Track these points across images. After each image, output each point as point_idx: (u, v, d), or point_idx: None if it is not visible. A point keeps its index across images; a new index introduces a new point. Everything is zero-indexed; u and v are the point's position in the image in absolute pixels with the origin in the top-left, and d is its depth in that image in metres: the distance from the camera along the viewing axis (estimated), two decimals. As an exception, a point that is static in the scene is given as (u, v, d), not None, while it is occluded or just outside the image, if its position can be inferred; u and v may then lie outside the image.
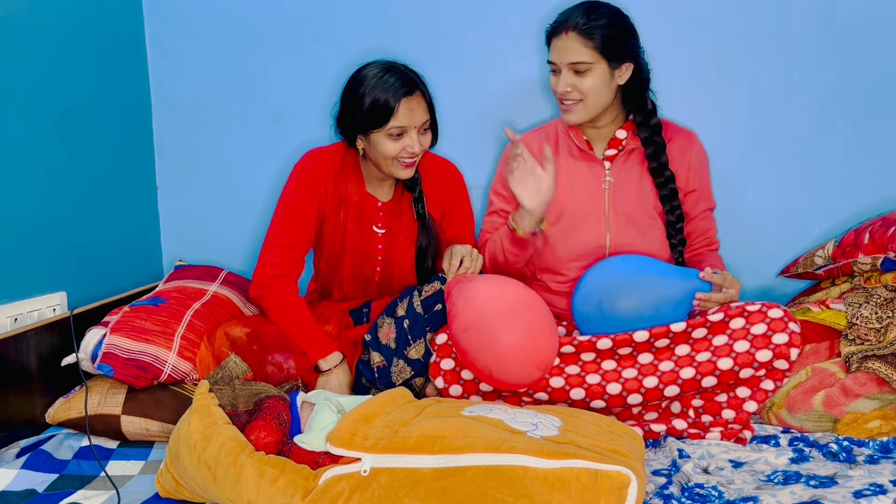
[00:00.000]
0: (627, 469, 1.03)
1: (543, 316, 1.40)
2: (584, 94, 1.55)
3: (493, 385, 1.40)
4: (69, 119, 1.72)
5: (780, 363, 1.38)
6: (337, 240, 1.72)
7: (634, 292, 1.47)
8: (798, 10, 1.80)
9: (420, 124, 1.56)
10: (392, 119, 1.53)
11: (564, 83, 1.56)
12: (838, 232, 1.79)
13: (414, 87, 1.54)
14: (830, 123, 1.83)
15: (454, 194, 1.77)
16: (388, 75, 1.54)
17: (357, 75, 1.60)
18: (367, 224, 1.72)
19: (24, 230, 1.57)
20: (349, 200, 1.70)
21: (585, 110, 1.58)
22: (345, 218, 1.70)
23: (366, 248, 1.73)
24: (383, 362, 1.54)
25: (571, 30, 1.52)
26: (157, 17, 2.04)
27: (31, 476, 1.30)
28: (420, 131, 1.58)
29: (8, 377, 1.43)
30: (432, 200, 1.75)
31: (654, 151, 1.62)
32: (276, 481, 1.10)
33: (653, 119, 1.62)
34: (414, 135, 1.56)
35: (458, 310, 1.40)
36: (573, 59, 1.53)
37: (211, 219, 2.11)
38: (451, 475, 1.05)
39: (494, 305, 1.36)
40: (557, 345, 1.41)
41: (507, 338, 1.33)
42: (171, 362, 1.51)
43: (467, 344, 1.37)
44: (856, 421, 1.39)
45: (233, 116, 2.06)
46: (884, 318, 1.46)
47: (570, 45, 1.53)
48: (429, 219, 1.72)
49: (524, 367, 1.35)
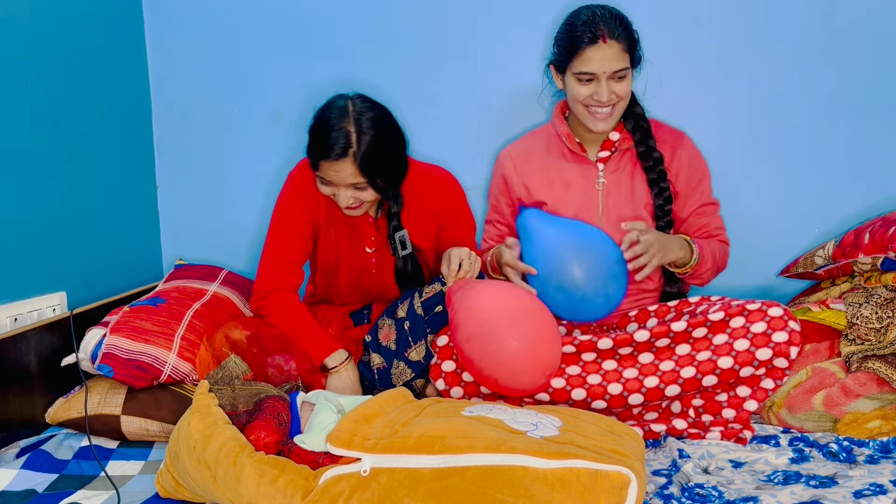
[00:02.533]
0: (627, 469, 1.03)
1: (546, 321, 1.39)
2: (621, 98, 1.57)
3: (501, 392, 1.40)
4: (69, 119, 1.72)
5: (780, 361, 1.38)
6: (330, 256, 1.70)
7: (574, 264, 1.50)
8: (798, 10, 1.80)
9: (347, 184, 1.51)
10: (317, 171, 1.52)
11: (608, 91, 1.54)
12: (838, 232, 1.79)
13: (342, 153, 1.46)
14: (831, 123, 1.83)
15: (450, 208, 1.70)
16: (332, 129, 1.47)
17: (320, 109, 1.55)
18: (358, 243, 1.69)
19: (24, 230, 1.57)
20: (339, 216, 1.67)
21: (615, 116, 1.60)
22: (336, 235, 1.68)
23: (360, 265, 1.71)
24: (383, 364, 1.54)
25: (610, 37, 1.51)
26: (157, 17, 2.04)
27: (31, 476, 1.30)
28: (352, 187, 1.51)
29: (8, 377, 1.43)
30: (424, 217, 1.68)
31: (641, 137, 1.64)
32: (276, 481, 1.10)
33: (636, 108, 1.65)
34: (341, 191, 1.52)
35: (461, 319, 1.39)
36: (617, 67, 1.53)
37: (211, 219, 2.11)
38: (451, 475, 1.05)
39: (497, 314, 1.36)
40: (560, 348, 1.41)
41: (510, 346, 1.33)
42: (170, 363, 1.51)
43: (471, 353, 1.37)
44: (856, 421, 1.39)
45: (233, 116, 2.06)
46: (884, 318, 1.46)
47: (611, 53, 1.52)
48: (410, 255, 1.63)
49: (529, 373, 1.35)
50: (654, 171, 1.63)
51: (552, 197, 1.68)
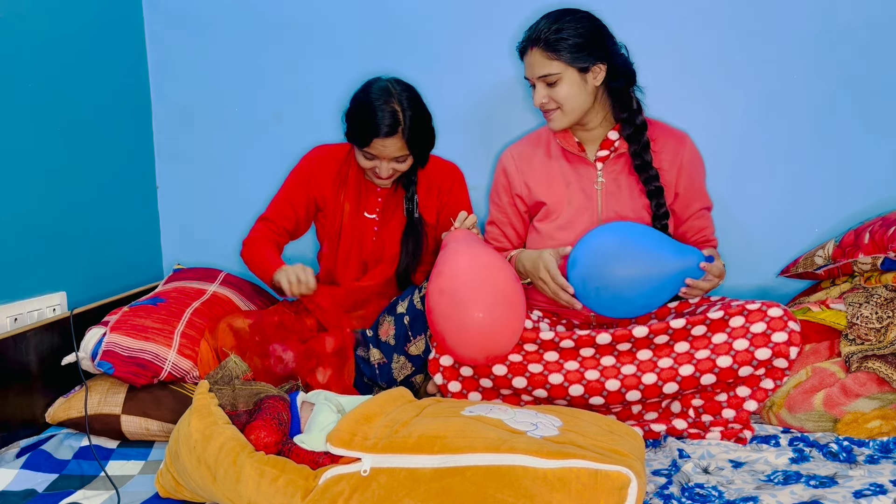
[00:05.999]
0: (627, 469, 1.03)
1: (516, 311, 1.41)
2: (559, 102, 1.59)
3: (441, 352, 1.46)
4: (69, 119, 1.72)
5: (780, 362, 1.38)
6: (336, 220, 1.80)
7: (628, 258, 1.47)
8: (797, 10, 1.80)
9: (391, 157, 1.65)
10: (366, 147, 1.64)
11: (539, 95, 1.61)
12: (838, 232, 1.79)
13: (392, 131, 1.61)
14: (831, 123, 1.83)
15: (453, 188, 1.83)
16: (378, 110, 1.60)
17: (360, 93, 1.67)
18: (361, 208, 1.80)
19: (24, 230, 1.57)
20: (349, 185, 1.79)
21: (565, 116, 1.61)
22: (343, 200, 1.78)
23: (362, 229, 1.79)
24: (383, 359, 1.55)
25: (534, 45, 1.57)
26: (157, 17, 2.04)
27: (31, 476, 1.30)
28: (394, 160, 1.67)
29: (8, 377, 1.43)
30: (430, 195, 1.81)
31: (638, 149, 1.63)
32: (276, 481, 1.10)
33: (637, 118, 1.63)
34: (384, 164, 1.66)
35: (443, 271, 1.41)
36: (541, 73, 1.58)
37: (211, 219, 2.11)
38: (451, 475, 1.05)
39: (475, 283, 1.38)
40: (514, 341, 1.42)
41: (474, 316, 1.35)
42: (171, 360, 1.51)
43: (436, 306, 1.39)
44: (856, 421, 1.39)
45: (233, 116, 2.06)
46: (884, 318, 1.46)
47: (535, 60, 1.58)
48: (418, 219, 1.78)
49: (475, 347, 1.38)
50: (650, 184, 1.63)
51: (552, 196, 1.68)
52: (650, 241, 1.50)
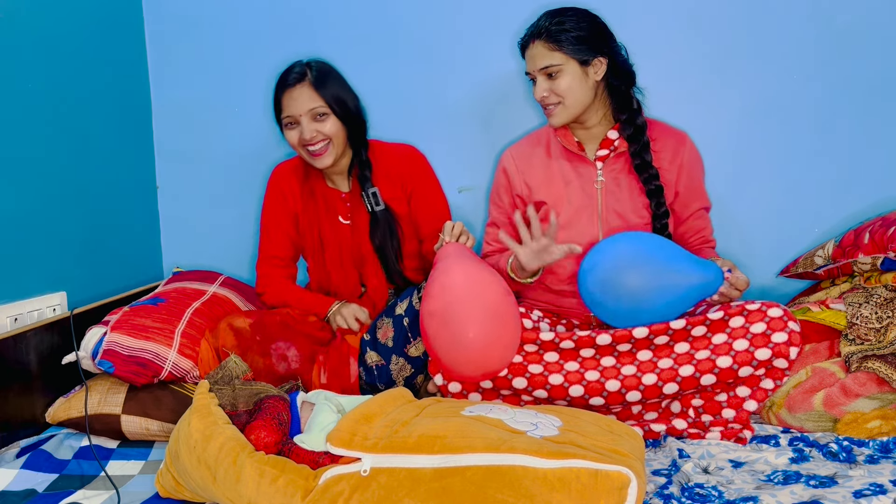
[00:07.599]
0: (627, 469, 1.03)
1: (511, 327, 1.38)
2: (561, 95, 1.59)
3: (433, 368, 1.46)
4: (69, 119, 1.72)
5: (780, 362, 1.38)
6: (314, 234, 1.79)
7: (646, 269, 1.43)
8: (797, 11, 1.80)
9: (307, 111, 1.62)
10: (282, 113, 1.64)
11: (541, 89, 1.61)
12: (838, 232, 1.79)
13: (300, 78, 1.62)
14: (830, 123, 1.83)
15: (415, 171, 1.79)
16: (286, 70, 1.64)
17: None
18: (334, 215, 1.79)
19: (24, 230, 1.57)
20: (316, 195, 1.79)
21: (566, 111, 1.61)
22: (315, 211, 1.78)
23: (339, 239, 1.79)
24: (381, 361, 1.54)
25: (537, 38, 1.58)
26: (157, 17, 2.04)
27: (31, 476, 1.30)
28: (312, 118, 1.63)
29: (8, 377, 1.43)
30: (392, 184, 1.76)
31: (638, 149, 1.63)
32: (276, 481, 1.10)
33: (638, 118, 1.63)
34: (305, 122, 1.62)
35: (433, 291, 1.38)
36: (543, 64, 1.58)
37: (211, 219, 2.11)
38: (451, 475, 1.05)
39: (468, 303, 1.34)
40: (511, 357, 1.40)
41: (467, 336, 1.32)
42: (171, 359, 1.51)
43: (429, 328, 1.38)
44: (856, 421, 1.39)
45: (233, 116, 2.06)
46: (884, 318, 1.46)
47: (537, 52, 1.59)
48: (384, 211, 1.74)
49: (471, 365, 1.35)
50: (650, 184, 1.63)
51: (552, 195, 1.68)
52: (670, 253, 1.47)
